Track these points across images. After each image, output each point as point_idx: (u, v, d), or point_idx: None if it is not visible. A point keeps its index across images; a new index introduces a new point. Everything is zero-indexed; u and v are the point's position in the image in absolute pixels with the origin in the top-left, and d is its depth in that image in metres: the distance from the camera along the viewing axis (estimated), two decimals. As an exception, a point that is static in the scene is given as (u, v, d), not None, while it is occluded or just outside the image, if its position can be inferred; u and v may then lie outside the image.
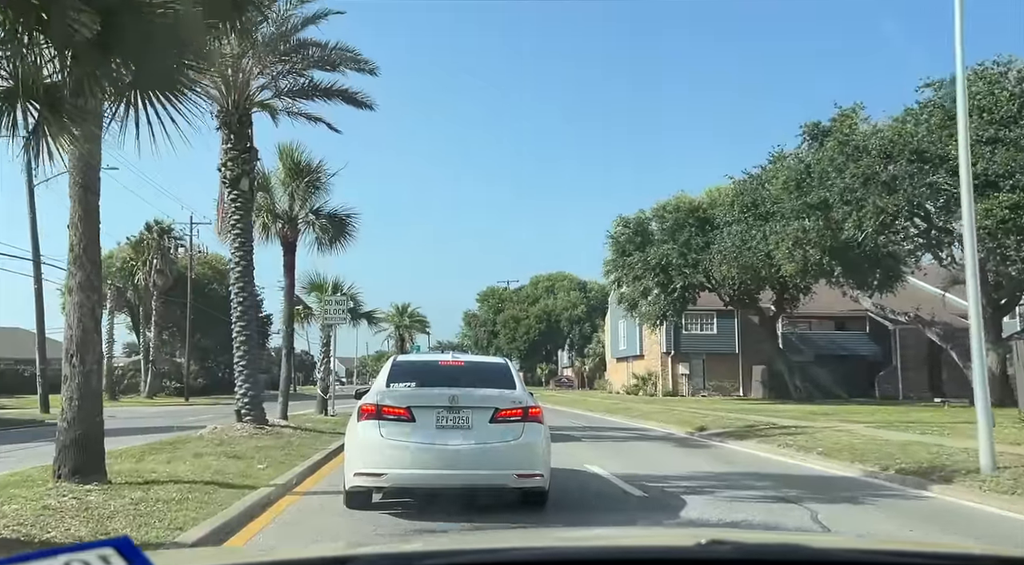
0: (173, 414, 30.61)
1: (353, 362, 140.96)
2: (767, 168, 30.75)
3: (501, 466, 7.09)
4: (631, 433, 19.13)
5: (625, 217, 38.19)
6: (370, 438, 7.08)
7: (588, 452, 13.94)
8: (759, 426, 18.75)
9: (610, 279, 40.41)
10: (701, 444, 15.96)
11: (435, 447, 7.03)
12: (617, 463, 12.01)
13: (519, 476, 7.10)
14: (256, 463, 10.03)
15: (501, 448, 7.12)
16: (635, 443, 16.26)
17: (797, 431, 16.39)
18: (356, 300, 24.38)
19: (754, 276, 31.95)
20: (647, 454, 14.03)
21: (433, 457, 7.02)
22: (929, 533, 6.92)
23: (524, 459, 7.17)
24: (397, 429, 7.07)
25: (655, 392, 47.43)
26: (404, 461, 7.01)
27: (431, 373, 8.08)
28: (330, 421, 19.46)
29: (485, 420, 7.16)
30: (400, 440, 7.03)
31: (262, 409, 15.21)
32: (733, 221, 30.06)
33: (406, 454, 7.00)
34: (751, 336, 47.70)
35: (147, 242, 51.41)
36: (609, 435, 18.38)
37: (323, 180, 18.61)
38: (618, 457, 13.03)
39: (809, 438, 14.74)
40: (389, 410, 7.13)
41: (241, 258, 15.11)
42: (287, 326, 18.71)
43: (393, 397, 7.32)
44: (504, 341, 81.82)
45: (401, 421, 7.10)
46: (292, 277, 18.37)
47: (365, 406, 7.31)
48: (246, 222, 15.19)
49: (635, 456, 13.52)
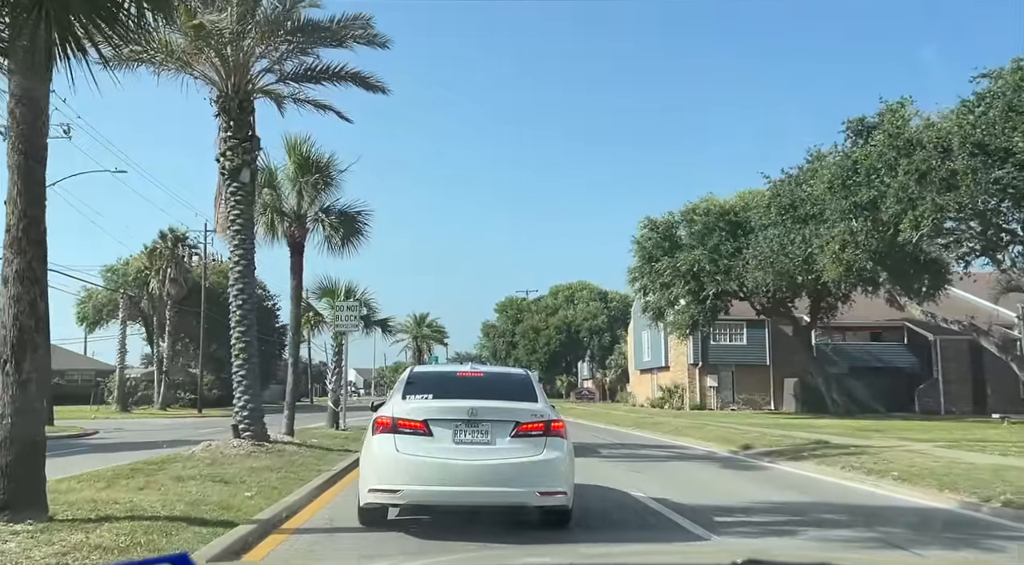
0: (181, 426, 29.41)
1: (371, 373, 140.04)
2: (804, 168, 29.04)
3: (522, 483, 6.73)
4: (668, 451, 17.46)
5: (652, 219, 36.55)
6: (385, 453, 6.75)
7: (625, 473, 12.33)
8: (809, 444, 17.01)
9: (635, 286, 38.72)
10: (752, 465, 14.26)
11: (453, 462, 6.67)
12: (661, 487, 10.42)
13: (541, 494, 6.75)
14: (244, 490, 8.53)
15: (522, 464, 6.75)
16: (676, 463, 14.61)
17: (857, 451, 14.65)
18: (370, 306, 22.98)
19: (790, 283, 30.19)
20: (694, 477, 12.39)
21: (451, 473, 6.66)
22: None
23: (546, 476, 6.80)
24: (413, 443, 6.73)
25: (682, 405, 45.56)
26: (420, 477, 6.66)
27: (449, 385, 7.63)
28: (340, 436, 17.97)
29: (506, 434, 6.82)
30: (416, 455, 6.68)
31: (263, 424, 13.75)
32: (770, 224, 28.34)
33: (422, 470, 6.65)
34: (783, 347, 45.74)
35: (161, 251, 50.43)
36: (644, 453, 16.73)
37: (334, 176, 17.23)
38: (661, 480, 11.41)
39: (876, 459, 13.02)
40: (405, 423, 6.79)
41: (241, 257, 13.70)
42: (294, 333, 17.28)
43: (409, 410, 6.93)
44: (523, 352, 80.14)
45: (417, 435, 6.76)
46: (299, 279, 16.98)
47: (380, 419, 6.97)
48: (247, 217, 13.79)
49: (680, 479, 11.88)
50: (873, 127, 24.91)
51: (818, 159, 28.39)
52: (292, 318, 17.32)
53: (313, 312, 21.99)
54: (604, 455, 15.83)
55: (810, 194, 26.84)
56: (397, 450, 6.69)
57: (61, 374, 59.38)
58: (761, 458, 15.30)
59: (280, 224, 17.14)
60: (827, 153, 28.03)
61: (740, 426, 25.24)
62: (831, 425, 25.83)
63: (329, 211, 17.52)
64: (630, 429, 26.88)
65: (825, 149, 28.21)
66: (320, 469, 11.15)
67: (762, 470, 13.42)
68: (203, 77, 13.82)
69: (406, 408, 6.96)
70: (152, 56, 13.37)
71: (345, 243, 17.73)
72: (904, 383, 42.67)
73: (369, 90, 15.13)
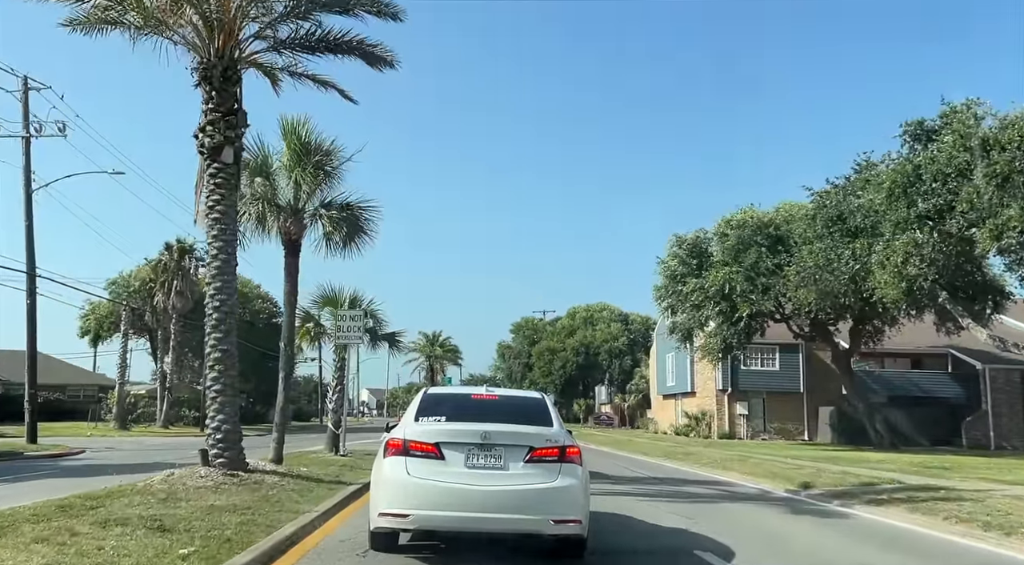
0: (176, 447, 27.59)
1: (383, 393, 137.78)
2: (852, 178, 26.74)
3: (536, 511, 6.49)
4: (714, 488, 15.05)
5: (681, 236, 34.27)
6: (396, 476, 6.57)
7: (673, 518, 10.01)
8: (879, 484, 14.58)
9: (662, 306, 36.35)
10: (825, 510, 11.85)
11: (465, 487, 6.46)
12: (727, 541, 8.17)
13: (555, 522, 6.50)
14: (182, 543, 6.31)
15: (536, 491, 6.50)
16: (731, 506, 12.21)
17: (947, 495, 12.22)
18: (377, 318, 20.86)
19: (833, 303, 27.75)
20: (762, 526, 10.02)
21: (462, 498, 6.44)
22: None
23: (561, 503, 6.55)
24: (425, 467, 6.55)
25: (709, 434, 42.90)
26: (431, 501, 6.46)
27: (463, 407, 7.40)
28: (337, 463, 15.72)
29: (519, 459, 6.61)
30: (427, 479, 6.49)
31: (239, 449, 11.55)
32: (815, 238, 25.98)
33: (433, 494, 6.45)
34: (817, 373, 43.09)
35: (166, 263, 48.69)
36: (689, 491, 14.34)
37: (336, 164, 15.14)
38: (723, 530, 9.07)
39: (982, 508, 10.59)
40: (417, 446, 6.62)
41: (220, 250, 11.61)
42: (287, 344, 15.10)
43: (421, 432, 6.74)
44: (539, 374, 77.65)
45: (429, 458, 6.58)
46: (294, 282, 14.84)
47: (392, 441, 6.78)
48: (228, 204, 11.71)
49: (747, 529, 9.53)
50: (934, 130, 22.64)
51: (868, 167, 26.12)
52: (285, 327, 15.15)
53: (314, 323, 19.84)
54: (642, 493, 13.47)
55: (861, 205, 24.51)
56: (408, 473, 6.51)
57: (62, 389, 57.60)
58: (829, 500, 12.86)
59: (275, 220, 15.05)
60: (879, 161, 25.77)
61: (783, 459, 22.74)
62: (885, 459, 23.26)
63: (330, 206, 15.43)
64: (661, 459, 24.41)
65: (876, 157, 25.95)
66: (299, 509, 8.92)
67: (841, 518, 11.00)
68: (183, 41, 11.84)
69: (418, 430, 6.77)
70: (122, 15, 11.44)
71: (347, 243, 15.59)
72: (947, 414, 39.79)
73: (374, 66, 13.09)
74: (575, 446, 6.86)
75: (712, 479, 17.19)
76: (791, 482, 15.34)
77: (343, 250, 15.69)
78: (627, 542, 8.27)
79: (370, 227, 15.66)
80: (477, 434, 6.59)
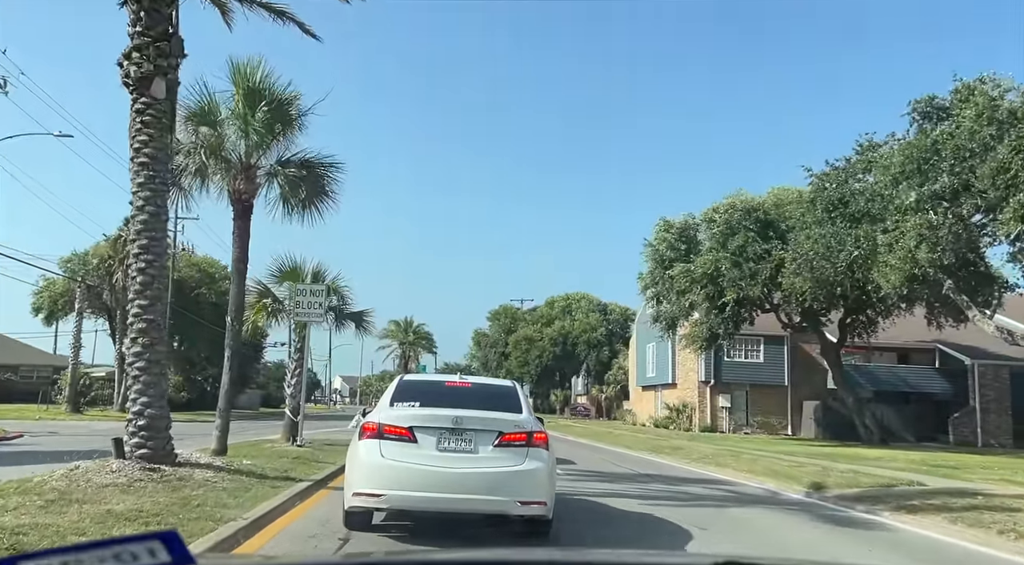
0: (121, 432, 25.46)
1: (357, 381, 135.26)
2: (854, 160, 25.27)
3: (503, 492, 6.75)
4: (716, 488, 13.43)
5: (669, 220, 32.69)
6: (370, 457, 6.81)
7: (682, 525, 8.33)
8: (897, 486, 13.08)
9: (647, 295, 34.80)
10: (851, 519, 10.24)
11: (436, 469, 6.74)
12: None
13: (521, 503, 6.73)
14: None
15: (504, 473, 6.80)
16: (742, 511, 10.58)
17: (991, 504, 10.69)
18: (342, 294, 18.92)
19: (828, 292, 26.32)
20: (788, 540, 8.39)
21: (434, 480, 6.72)
22: None
23: (527, 485, 6.79)
24: (398, 449, 6.82)
25: (690, 426, 41.52)
26: (404, 482, 6.71)
27: (437, 393, 7.62)
28: (290, 455, 13.85)
29: (489, 444, 6.88)
30: (400, 461, 6.76)
31: (166, 438, 9.69)
32: (814, 223, 24.46)
33: (405, 475, 6.71)
34: (802, 366, 41.87)
35: (126, 238, 46.12)
36: (689, 491, 12.72)
37: (294, 114, 13.22)
38: (743, 543, 7.40)
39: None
40: (391, 430, 6.88)
41: (147, 201, 9.69)
42: (234, 317, 13.15)
43: (395, 416, 7.01)
44: (516, 364, 75.95)
45: (403, 441, 6.84)
46: (244, 248, 12.90)
47: (367, 424, 7.07)
48: (158, 147, 9.77)
49: (773, 545, 7.88)
50: (944, 108, 21.17)
51: (870, 148, 24.66)
52: (233, 298, 13.18)
53: (272, 298, 17.88)
54: (639, 493, 11.81)
55: (865, 187, 23.04)
56: (382, 455, 6.78)
57: (14, 369, 54.84)
58: (851, 505, 11.28)
59: (223, 177, 13.10)
60: (882, 142, 24.31)
61: (776, 454, 21.28)
62: (883, 456, 21.91)
63: (288, 163, 13.50)
64: (647, 454, 22.83)
65: (880, 138, 24.49)
66: (224, 516, 7.08)
67: (878, 530, 9.39)
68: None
69: (392, 415, 7.03)
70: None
71: (307, 205, 13.68)
72: (933, 410, 38.83)
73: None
74: (542, 432, 7.07)
75: (710, 477, 15.59)
76: (797, 482, 13.79)
77: (302, 214, 13.77)
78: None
79: (333, 188, 13.76)
80: (449, 419, 6.81)
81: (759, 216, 29.69)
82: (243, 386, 67.46)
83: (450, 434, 6.80)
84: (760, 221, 29.57)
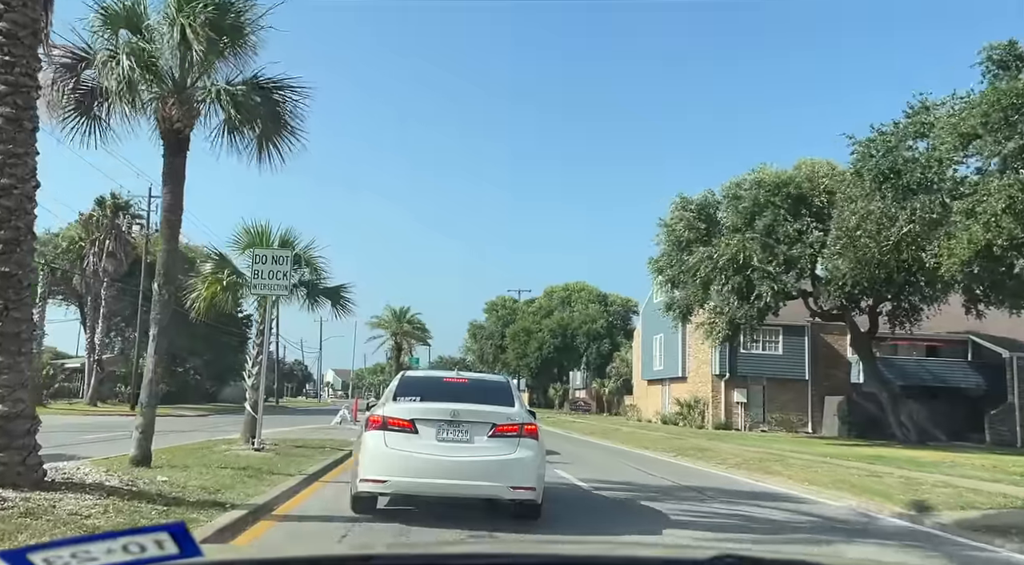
0: (80, 428, 22.66)
1: (349, 374, 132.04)
2: (903, 124, 22.26)
3: (496, 478, 7.34)
4: (785, 508, 10.43)
5: (686, 197, 29.62)
6: (376, 447, 7.38)
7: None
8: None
9: (659, 280, 31.75)
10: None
11: (435, 458, 7.31)
12: None
13: (512, 488, 7.32)
14: None
15: (497, 461, 7.36)
16: (850, 550, 7.55)
17: None
18: (315, 267, 15.69)
19: (871, 274, 23.37)
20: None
21: (433, 467, 7.29)
22: None
23: (518, 472, 7.37)
24: (401, 440, 7.37)
25: (702, 423, 38.57)
26: (406, 470, 7.29)
27: (436, 389, 8.20)
28: (239, 463, 10.71)
29: (483, 434, 7.46)
30: (403, 450, 7.32)
31: (30, 448, 6.66)
32: (861, 196, 21.46)
33: (408, 463, 7.29)
34: (823, 359, 38.96)
35: (98, 219, 43.04)
36: (756, 516, 9.70)
37: (246, 27, 10.14)
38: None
39: None
40: (394, 422, 7.43)
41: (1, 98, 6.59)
42: (162, 284, 10.00)
43: (398, 410, 7.57)
44: (513, 357, 72.89)
45: (405, 432, 7.41)
46: (178, 193, 9.79)
47: (372, 417, 7.65)
48: (18, 20, 6.68)
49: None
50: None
51: (924, 110, 21.67)
52: (162, 261, 9.98)
53: (229, 271, 14.72)
54: (696, 517, 8.78)
55: (920, 155, 20.07)
56: (386, 445, 7.35)
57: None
58: (989, 539, 8.28)
59: (151, 102, 9.99)
60: (938, 102, 21.31)
61: (820, 457, 18.33)
62: (942, 459, 18.99)
63: (236, 83, 10.40)
64: (669, 456, 19.87)
65: (936, 98, 21.48)
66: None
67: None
68: None
69: (396, 408, 7.60)
70: None
71: (264, 142, 10.58)
72: (965, 407, 35.93)
73: None
74: (533, 424, 7.68)
75: (770, 491, 12.58)
76: (885, 498, 10.82)
77: (257, 153, 10.65)
78: None
79: (296, 120, 10.64)
80: (447, 412, 7.46)
81: (789, 192, 26.67)
82: (227, 379, 64.39)
83: (448, 426, 7.41)
84: (791, 197, 26.57)
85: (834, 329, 39.21)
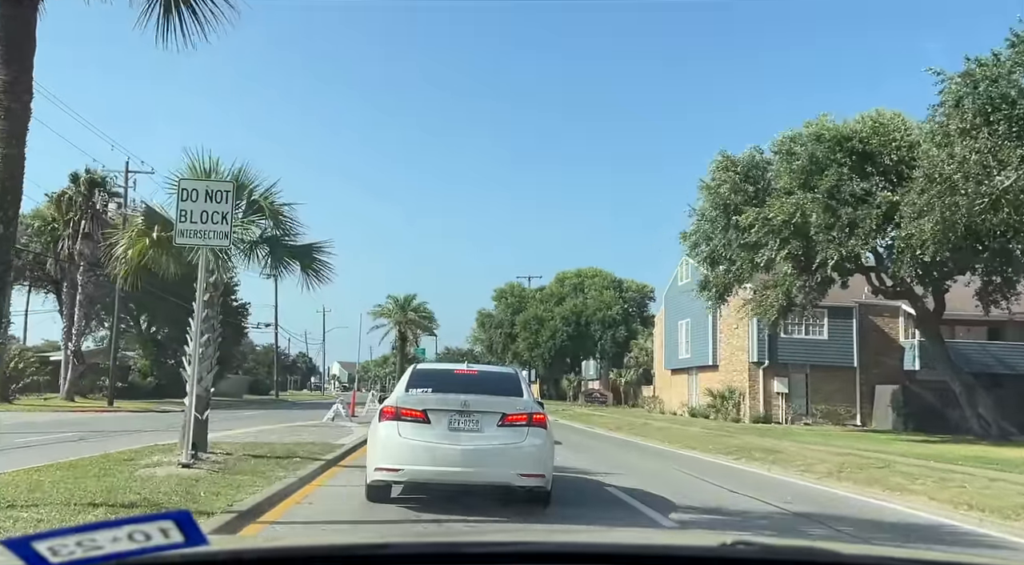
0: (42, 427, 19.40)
1: (355, 367, 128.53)
2: (1004, 55, 18.36)
3: (506, 466, 7.59)
4: (951, 549, 6.60)
5: (729, 156, 25.75)
6: (390, 437, 7.65)
7: None
8: None
9: (697, 252, 27.86)
10: None
11: (447, 446, 7.57)
12: None
13: (522, 475, 7.57)
14: None
15: (506, 449, 7.62)
16: None
17: None
18: (279, 217, 11.80)
19: (956, 240, 19.52)
20: None
21: (445, 455, 7.54)
22: None
23: (527, 460, 7.63)
24: (414, 430, 7.62)
25: (739, 416, 34.71)
26: (419, 458, 7.55)
27: (446, 380, 8.49)
28: (146, 489, 6.97)
29: (493, 424, 7.70)
30: (416, 439, 7.59)
31: None
32: (959, 132, 17.61)
33: (421, 452, 7.54)
34: (872, 345, 35.03)
35: (72, 198, 39.40)
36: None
37: None
38: None
39: None
40: (407, 412, 7.70)
41: None
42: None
43: (411, 401, 7.86)
44: (524, 346, 69.04)
45: (418, 422, 7.65)
46: (25, 62, 6.03)
47: (386, 408, 7.96)
48: None
49: None
50: None
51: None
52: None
53: (161, 225, 10.88)
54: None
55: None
56: (400, 435, 7.61)
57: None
58: None
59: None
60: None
61: (923, 460, 14.50)
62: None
63: None
64: (729, 459, 16.10)
65: None
66: None
67: None
68: None
69: (408, 399, 7.91)
70: None
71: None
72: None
73: None
74: (541, 413, 7.95)
75: (921, 521, 8.70)
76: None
77: (183, 37, 6.85)
78: None
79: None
80: (458, 402, 7.75)
81: (853, 146, 22.78)
82: (223, 370, 60.94)
83: (459, 416, 7.70)
84: (856, 153, 22.68)
85: (884, 311, 35.34)
